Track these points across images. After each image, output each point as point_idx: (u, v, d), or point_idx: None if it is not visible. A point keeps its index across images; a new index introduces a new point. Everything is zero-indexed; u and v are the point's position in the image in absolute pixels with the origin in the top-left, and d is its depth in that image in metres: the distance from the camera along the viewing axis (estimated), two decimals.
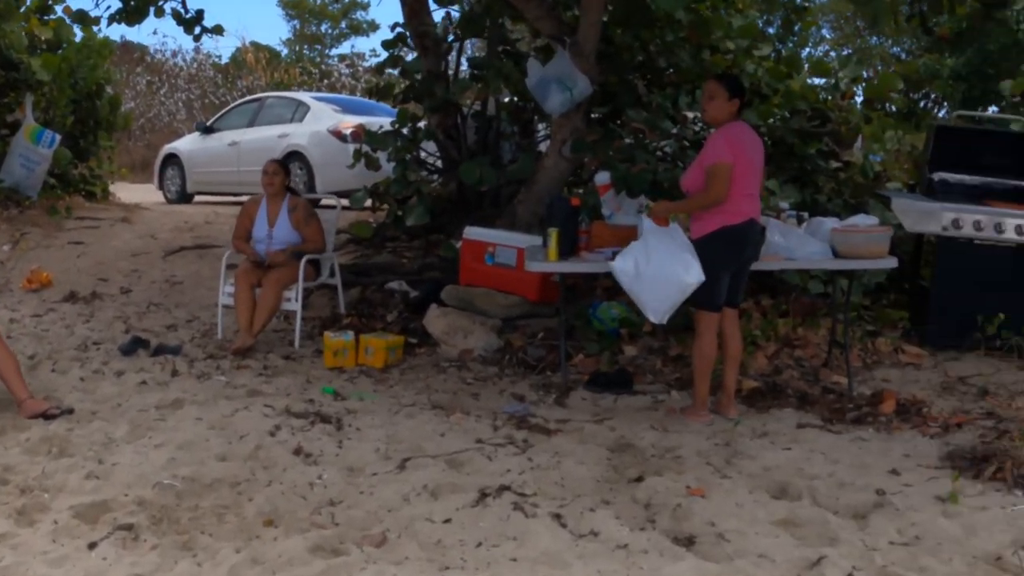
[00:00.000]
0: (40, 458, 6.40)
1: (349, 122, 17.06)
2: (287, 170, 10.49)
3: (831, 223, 8.19)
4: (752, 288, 9.58)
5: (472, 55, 15.28)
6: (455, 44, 12.86)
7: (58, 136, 15.57)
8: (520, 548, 5.07)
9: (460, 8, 12.75)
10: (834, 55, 33.09)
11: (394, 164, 12.10)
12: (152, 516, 5.46)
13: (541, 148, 12.24)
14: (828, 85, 12.80)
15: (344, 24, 48.79)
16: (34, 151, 15.29)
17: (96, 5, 12.81)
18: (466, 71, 12.91)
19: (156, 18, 12.53)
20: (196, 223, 16.04)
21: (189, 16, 12.98)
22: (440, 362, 9.19)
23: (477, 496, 5.73)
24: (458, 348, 9.38)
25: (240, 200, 12.92)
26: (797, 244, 7.94)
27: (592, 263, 8.10)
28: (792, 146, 11.39)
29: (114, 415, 7.36)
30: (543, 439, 6.90)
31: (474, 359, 9.23)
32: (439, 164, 13.02)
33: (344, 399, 7.94)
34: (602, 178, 8.87)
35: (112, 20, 12.39)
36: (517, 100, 12.44)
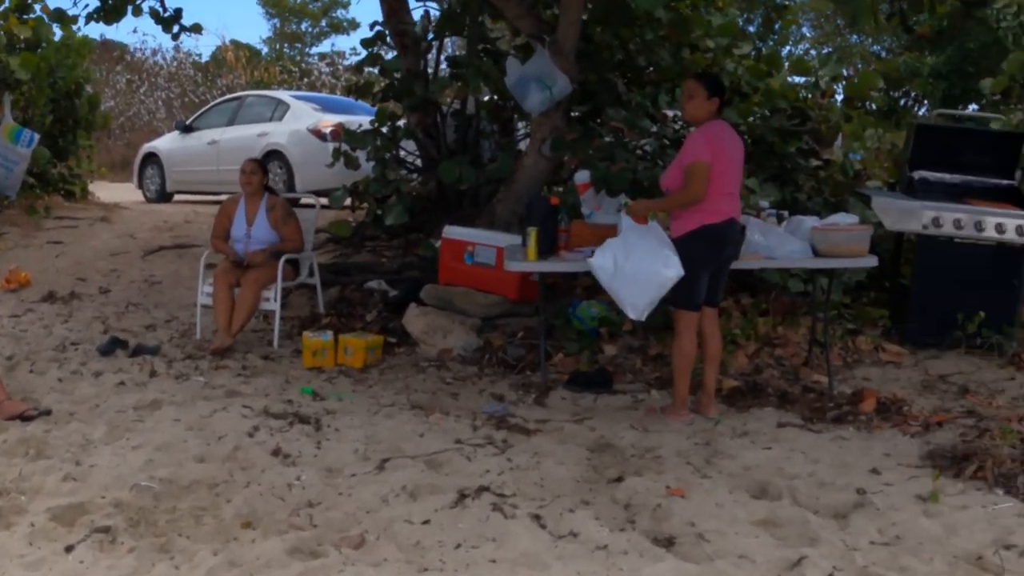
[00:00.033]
0: (17, 460, 6.36)
1: (329, 121, 17.05)
2: (265, 169, 10.44)
3: (811, 222, 8.18)
4: (732, 287, 9.57)
5: (452, 54, 15.26)
6: (434, 42, 12.82)
7: (37, 135, 15.49)
8: (499, 549, 5.05)
9: (439, 6, 12.72)
10: (814, 53, 33.11)
11: (373, 163, 12.06)
12: (129, 518, 5.43)
13: (521, 147, 12.23)
14: (808, 83, 12.80)
15: (324, 22, 48.71)
16: (13, 150, 15.19)
17: (74, 4, 12.73)
18: (446, 70, 12.86)
19: (134, 17, 12.46)
20: (175, 222, 16.03)
21: (167, 15, 12.94)
22: (419, 362, 9.17)
23: (456, 497, 5.72)
24: (437, 348, 9.36)
25: (220, 199, 12.89)
26: (777, 243, 7.93)
27: (571, 262, 8.08)
28: (772, 144, 11.40)
29: (92, 416, 7.34)
30: (523, 439, 6.89)
31: (453, 359, 9.21)
32: (419, 163, 13.01)
33: (323, 399, 7.92)
34: (582, 177, 8.85)
35: (90, 19, 12.36)
36: (497, 99, 12.42)
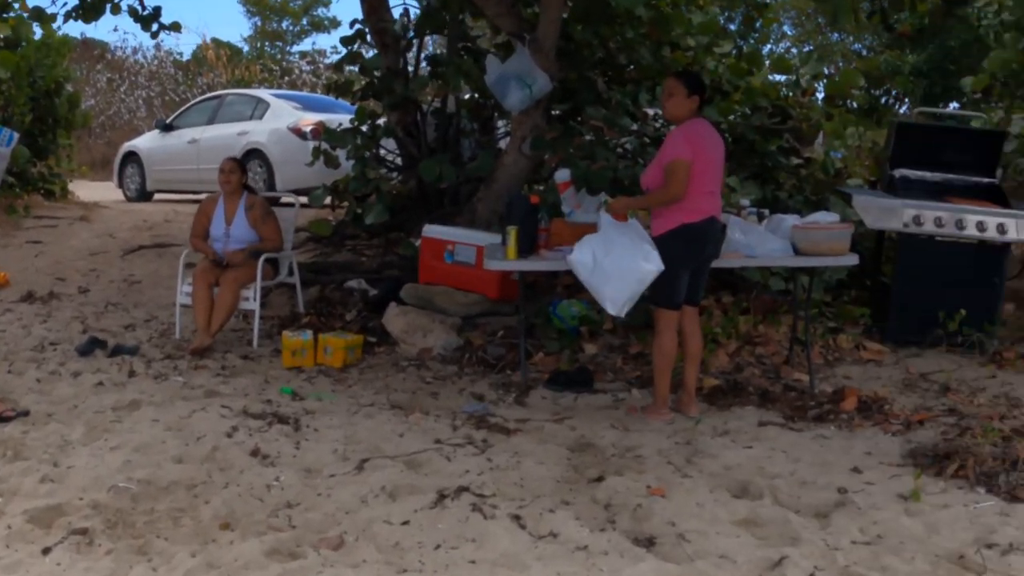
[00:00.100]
0: None
1: (309, 119, 17.06)
2: (244, 168, 10.42)
3: (792, 220, 8.18)
4: (713, 285, 9.57)
5: (433, 52, 15.24)
6: (415, 40, 12.79)
7: (16, 134, 15.34)
8: (479, 550, 5.04)
9: (419, 4, 12.69)
10: (795, 52, 33.20)
11: (353, 162, 12.03)
12: (107, 520, 5.41)
13: (501, 145, 12.20)
14: (789, 82, 12.82)
15: (305, 21, 48.66)
16: None
17: (52, 2, 12.68)
18: (426, 68, 12.84)
19: (113, 15, 12.44)
20: (155, 222, 16.01)
21: (146, 13, 12.89)
22: (399, 361, 9.15)
23: (436, 497, 5.70)
24: (417, 347, 9.34)
25: (200, 198, 12.85)
26: (758, 241, 7.93)
27: (551, 261, 8.07)
28: (753, 143, 11.41)
29: (70, 417, 7.30)
30: (502, 439, 6.87)
31: (433, 358, 9.19)
32: (399, 162, 12.97)
33: (302, 399, 7.89)
34: (562, 175, 8.81)
35: (68, 17, 12.31)
36: (477, 97, 12.40)
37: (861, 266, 9.13)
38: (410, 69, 12.79)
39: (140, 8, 12.84)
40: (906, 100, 30.03)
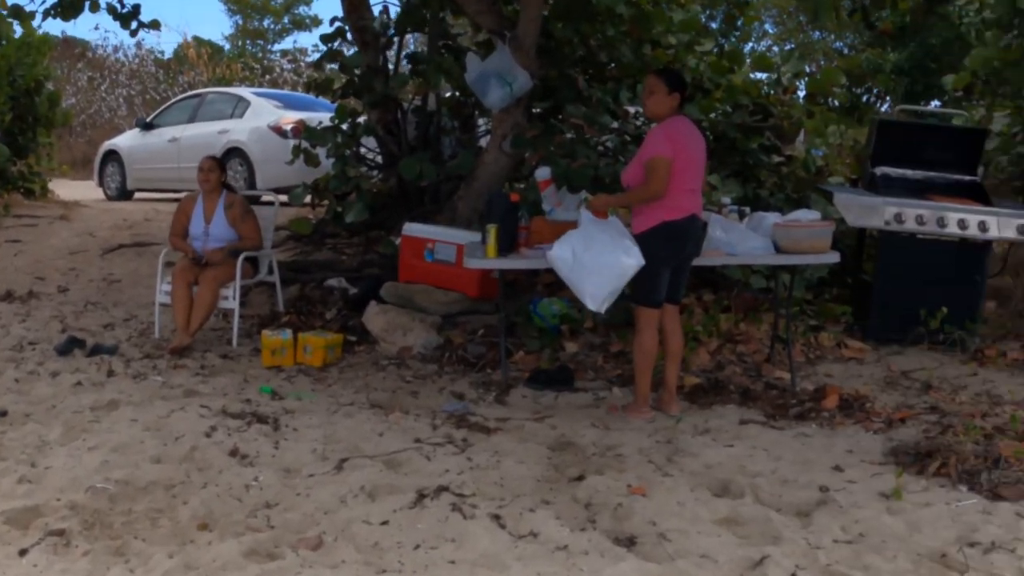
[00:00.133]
0: None
1: (289, 118, 17.05)
2: (223, 166, 10.40)
3: (773, 218, 8.17)
4: (694, 283, 9.57)
5: (413, 50, 15.20)
6: (395, 38, 12.74)
7: None
8: (458, 550, 5.01)
9: (400, 1, 12.65)
10: (777, 50, 33.28)
11: (334, 160, 11.99)
12: (84, 521, 5.38)
13: (482, 143, 12.17)
14: (770, 80, 12.82)
15: (287, 19, 48.68)
16: None
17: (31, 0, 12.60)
18: (407, 66, 12.79)
19: (91, 12, 12.32)
20: (135, 220, 15.98)
21: (125, 10, 12.81)
22: (379, 360, 9.12)
23: (415, 497, 5.67)
24: (397, 346, 9.31)
25: (180, 197, 12.81)
26: (739, 239, 7.92)
27: (532, 259, 8.04)
28: (734, 141, 11.39)
29: (48, 417, 7.28)
30: (483, 438, 6.84)
31: (413, 357, 9.16)
32: (379, 160, 12.94)
33: (282, 399, 7.87)
34: (543, 173, 8.80)
35: (47, 14, 12.22)
36: (458, 95, 12.36)
37: (842, 264, 9.12)
38: (390, 67, 12.75)
39: (119, 6, 12.76)
40: (887, 98, 30.06)
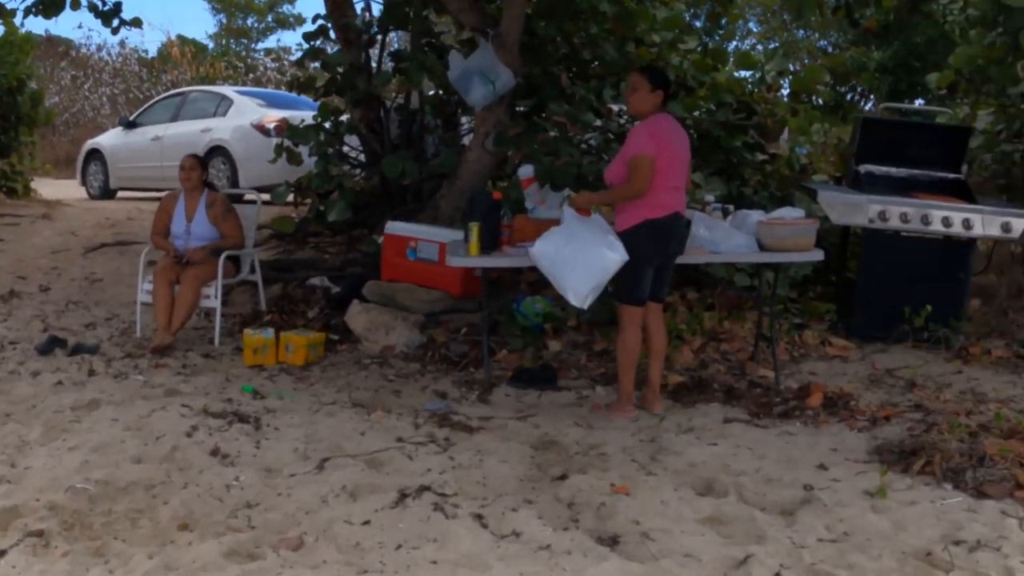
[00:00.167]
0: None
1: (272, 116, 17.05)
2: (204, 165, 10.35)
3: (757, 216, 8.17)
4: (677, 281, 9.55)
5: (396, 48, 15.18)
6: (378, 36, 12.72)
7: None
8: (440, 550, 4.99)
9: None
10: (761, 48, 33.31)
11: (316, 159, 11.95)
12: (64, 521, 5.35)
13: (465, 142, 12.15)
14: (754, 78, 12.83)
15: (271, 18, 48.65)
16: None
17: None
18: (390, 64, 12.77)
19: (73, 10, 12.25)
20: (118, 219, 15.97)
21: (107, 8, 12.75)
22: (362, 359, 9.09)
23: (397, 497, 5.65)
24: (380, 344, 9.28)
25: (163, 196, 12.80)
26: (723, 237, 7.90)
27: (515, 257, 8.02)
28: (718, 139, 11.39)
29: (28, 417, 7.25)
30: (465, 437, 6.82)
31: (396, 355, 9.13)
32: (362, 158, 12.91)
33: (263, 398, 7.84)
34: (526, 172, 8.79)
35: (28, 13, 12.16)
36: (441, 93, 12.34)
37: (826, 262, 9.14)
38: (373, 65, 12.74)
39: (100, 3, 12.70)
40: (871, 96, 30.17)
